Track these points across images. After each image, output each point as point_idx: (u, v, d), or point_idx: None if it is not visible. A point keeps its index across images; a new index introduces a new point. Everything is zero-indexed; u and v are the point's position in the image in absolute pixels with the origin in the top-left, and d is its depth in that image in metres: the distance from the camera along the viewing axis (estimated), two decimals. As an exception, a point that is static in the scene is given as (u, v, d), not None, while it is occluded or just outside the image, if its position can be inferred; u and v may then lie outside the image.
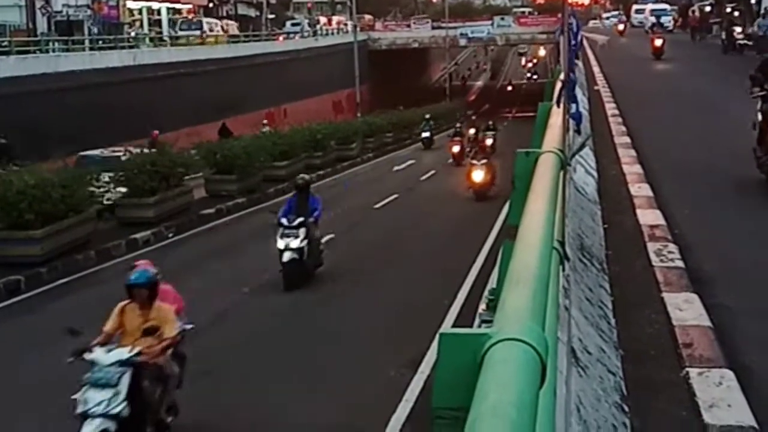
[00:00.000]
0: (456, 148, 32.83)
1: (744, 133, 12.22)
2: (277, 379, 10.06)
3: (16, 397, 9.66)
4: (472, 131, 37.35)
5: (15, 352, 11.22)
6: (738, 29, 38.68)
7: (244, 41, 52.82)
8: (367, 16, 73.71)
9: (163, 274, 8.09)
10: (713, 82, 25.83)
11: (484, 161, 23.14)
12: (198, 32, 50.12)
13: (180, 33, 50.04)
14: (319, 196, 14.85)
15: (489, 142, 34.48)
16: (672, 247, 8.33)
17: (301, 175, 15.41)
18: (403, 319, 12.00)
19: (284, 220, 13.84)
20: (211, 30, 52.00)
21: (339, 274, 14.98)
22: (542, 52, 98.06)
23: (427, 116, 43.04)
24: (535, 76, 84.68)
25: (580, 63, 23.96)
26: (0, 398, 9.59)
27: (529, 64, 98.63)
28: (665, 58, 36.05)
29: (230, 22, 59.76)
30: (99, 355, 7.25)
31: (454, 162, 32.38)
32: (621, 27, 59.49)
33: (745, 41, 36.62)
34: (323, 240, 14.98)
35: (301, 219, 13.82)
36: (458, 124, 36.53)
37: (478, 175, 22.90)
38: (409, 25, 71.82)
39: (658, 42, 37.37)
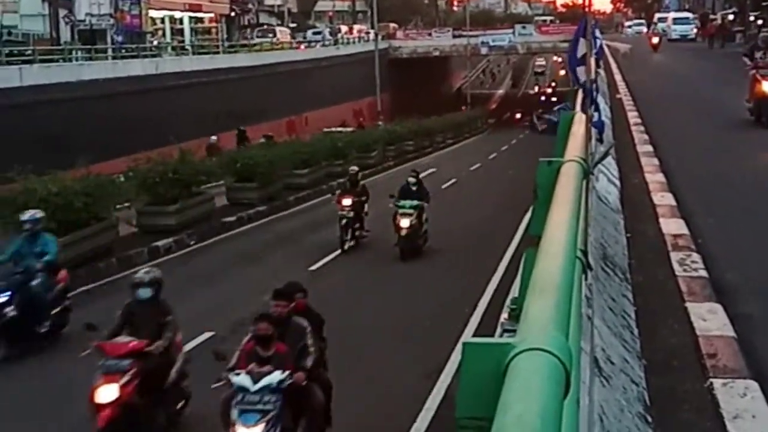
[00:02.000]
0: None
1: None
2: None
3: (41, 406, 9.70)
4: (347, 202, 17.55)
5: (39, 361, 11.28)
6: None
7: (268, 49, 53.62)
8: (392, 25, 73.85)
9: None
10: None
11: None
12: (272, 39, 58.21)
13: (256, 39, 57.38)
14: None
15: (405, 223, 16.58)
16: (695, 256, 8.27)
17: None
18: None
19: None
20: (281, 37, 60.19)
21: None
22: (563, 72, 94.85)
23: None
24: (554, 98, 69.20)
25: (602, 71, 23.88)
26: (24, 408, 9.62)
27: (548, 89, 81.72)
28: None
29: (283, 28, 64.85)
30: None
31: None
32: (655, 40, 50.44)
33: None
34: None
35: None
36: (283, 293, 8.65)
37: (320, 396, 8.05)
38: (430, 34, 71.99)
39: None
